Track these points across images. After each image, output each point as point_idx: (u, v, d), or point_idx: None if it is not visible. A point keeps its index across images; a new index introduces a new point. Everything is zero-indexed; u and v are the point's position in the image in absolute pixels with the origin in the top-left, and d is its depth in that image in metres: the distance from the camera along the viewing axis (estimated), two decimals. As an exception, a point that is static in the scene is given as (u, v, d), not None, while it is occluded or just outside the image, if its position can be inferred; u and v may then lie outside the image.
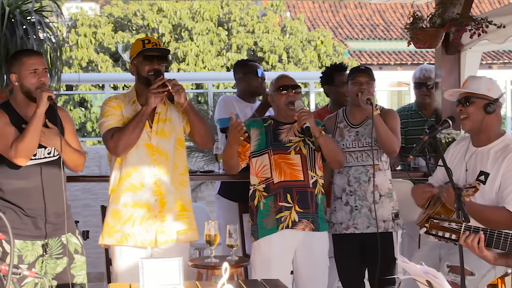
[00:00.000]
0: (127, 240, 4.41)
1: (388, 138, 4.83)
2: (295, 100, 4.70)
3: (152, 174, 4.43)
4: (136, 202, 4.42)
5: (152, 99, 4.33)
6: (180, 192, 4.51)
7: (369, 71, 5.00)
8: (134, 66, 4.50)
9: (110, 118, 4.43)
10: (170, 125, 4.50)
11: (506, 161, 4.05)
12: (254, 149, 4.72)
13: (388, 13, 26.19)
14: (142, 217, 4.41)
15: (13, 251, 2.88)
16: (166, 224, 4.43)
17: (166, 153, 4.46)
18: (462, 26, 5.50)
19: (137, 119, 4.33)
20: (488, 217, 3.91)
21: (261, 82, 5.75)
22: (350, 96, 4.98)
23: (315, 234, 4.67)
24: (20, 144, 3.93)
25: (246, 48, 18.84)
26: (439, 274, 2.84)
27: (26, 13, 6.70)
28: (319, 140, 4.60)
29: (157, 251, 4.43)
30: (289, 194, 4.63)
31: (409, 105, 6.19)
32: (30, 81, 4.02)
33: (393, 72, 21.78)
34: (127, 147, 4.36)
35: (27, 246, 3.99)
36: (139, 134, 4.35)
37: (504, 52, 23.47)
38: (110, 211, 4.48)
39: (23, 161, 3.98)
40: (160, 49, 4.50)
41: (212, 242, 4.47)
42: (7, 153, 3.97)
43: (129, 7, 19.81)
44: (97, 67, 18.24)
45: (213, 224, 4.48)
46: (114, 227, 4.44)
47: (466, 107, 4.13)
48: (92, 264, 4.83)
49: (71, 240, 4.14)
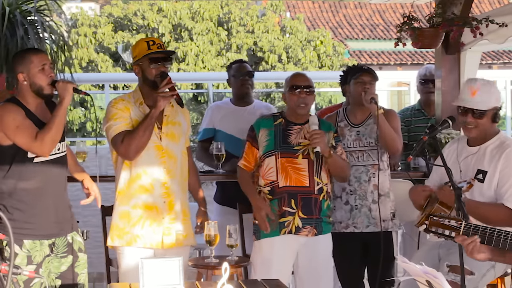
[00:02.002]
0: (136, 241, 4.40)
1: (392, 137, 4.85)
2: (309, 104, 4.66)
3: (162, 176, 4.42)
4: (146, 204, 4.41)
5: (161, 102, 4.29)
6: (184, 197, 4.52)
7: (372, 71, 5.03)
8: (139, 67, 4.44)
9: (118, 121, 4.37)
10: (179, 129, 4.49)
11: (503, 158, 4.06)
12: (263, 151, 4.67)
13: (388, 13, 26.19)
14: (151, 219, 4.40)
15: (13, 251, 2.88)
16: (173, 226, 4.43)
17: (175, 156, 4.45)
18: (462, 26, 5.50)
19: (146, 122, 4.29)
20: (487, 215, 3.92)
21: (240, 85, 5.65)
22: (353, 95, 4.99)
23: (318, 238, 4.66)
24: (47, 136, 3.92)
25: (246, 48, 18.84)
26: (439, 274, 2.84)
27: (26, 13, 6.70)
28: (328, 161, 4.58)
29: (161, 252, 4.42)
30: (294, 199, 4.61)
31: (412, 106, 6.22)
32: (40, 77, 4.02)
33: (393, 72, 21.77)
34: (138, 151, 4.34)
35: (36, 247, 3.98)
36: (149, 137, 4.32)
37: (504, 52, 23.47)
38: (118, 213, 4.46)
39: (47, 153, 3.97)
40: (166, 51, 4.47)
41: (212, 242, 4.46)
42: (30, 145, 3.94)
43: (129, 7, 19.79)
44: (97, 67, 18.24)
45: (213, 224, 4.48)
46: (124, 229, 4.42)
47: (477, 119, 4.12)
48: (92, 264, 4.82)
49: (76, 238, 4.16)
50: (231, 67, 5.81)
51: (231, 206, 5.49)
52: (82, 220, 5.79)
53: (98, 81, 15.25)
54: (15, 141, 3.94)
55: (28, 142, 3.94)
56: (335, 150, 4.68)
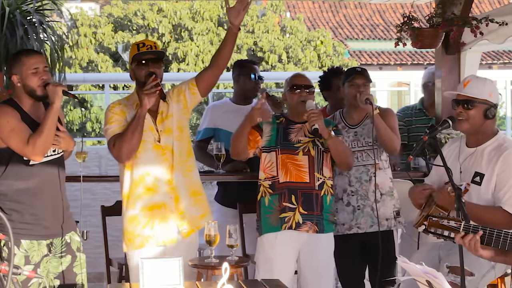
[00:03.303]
0: (148, 241, 4.41)
1: (389, 136, 4.85)
2: (307, 100, 4.69)
3: (166, 174, 4.43)
4: (153, 205, 4.42)
5: (145, 100, 4.31)
6: (189, 179, 4.51)
7: (365, 72, 5.01)
8: (132, 71, 4.50)
9: (114, 125, 4.41)
10: (171, 119, 4.49)
11: (500, 161, 4.03)
12: (265, 144, 4.70)
13: (388, 13, 26.19)
14: (161, 217, 4.42)
15: (13, 251, 2.88)
16: (185, 215, 4.45)
17: (171, 148, 4.46)
18: (462, 26, 5.51)
19: (134, 124, 4.31)
20: (484, 218, 3.90)
21: (254, 85, 5.65)
22: (347, 98, 4.99)
23: (320, 236, 4.66)
24: (39, 140, 3.92)
25: (246, 48, 18.85)
26: (439, 274, 2.84)
27: (26, 13, 6.70)
28: (328, 142, 4.58)
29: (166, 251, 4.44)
30: (294, 195, 4.62)
31: (413, 105, 6.21)
32: (32, 80, 4.02)
33: (393, 72, 21.80)
34: (130, 153, 4.35)
35: (33, 247, 3.99)
36: (140, 137, 4.33)
37: (504, 52, 23.47)
38: (127, 218, 4.46)
39: (40, 157, 3.97)
40: (154, 51, 4.47)
41: (212, 242, 4.46)
42: (23, 149, 3.95)
43: (129, 7, 19.81)
44: (97, 67, 18.25)
45: (213, 224, 4.48)
46: (134, 233, 4.43)
47: (467, 110, 4.11)
48: (92, 264, 4.83)
49: (74, 238, 4.16)
50: (245, 65, 5.78)
51: (232, 206, 5.49)
52: (82, 220, 5.79)
53: (98, 81, 15.27)
54: (9, 145, 3.95)
55: (21, 147, 3.95)
56: (338, 133, 4.71)
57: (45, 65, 4.10)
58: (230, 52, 4.54)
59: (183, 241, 4.47)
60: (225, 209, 5.64)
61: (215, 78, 4.58)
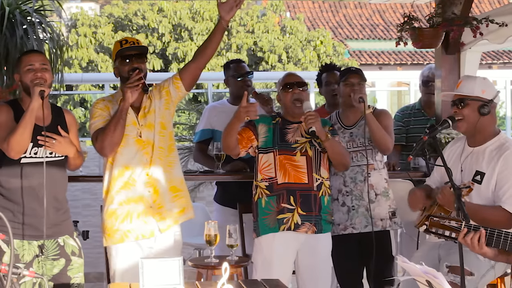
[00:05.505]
0: (128, 236, 4.42)
1: (381, 135, 4.85)
2: (303, 100, 4.68)
3: (144, 167, 4.44)
4: (131, 198, 4.43)
5: (128, 93, 4.33)
6: (170, 174, 4.50)
7: (360, 72, 5.02)
8: (116, 68, 4.53)
9: (97, 119, 4.44)
10: (153, 115, 4.50)
11: (501, 160, 4.05)
12: (261, 146, 4.70)
13: (388, 13, 26.19)
14: (139, 211, 4.42)
15: (13, 251, 2.87)
16: (163, 210, 4.45)
17: (152, 142, 4.47)
18: (462, 26, 5.51)
19: (116, 117, 4.33)
20: (485, 217, 3.91)
21: (242, 84, 5.60)
22: (343, 97, 5.00)
23: (318, 236, 4.66)
24: (12, 138, 3.94)
25: (246, 48, 18.85)
26: (439, 274, 2.84)
27: (26, 13, 6.71)
28: (325, 144, 4.58)
29: (153, 240, 4.44)
30: (292, 196, 4.62)
31: (412, 104, 6.20)
32: (26, 76, 4.06)
33: (393, 72, 21.79)
34: (113, 147, 4.37)
35: (23, 246, 3.99)
36: (122, 131, 4.35)
37: (504, 52, 23.47)
38: (106, 213, 4.48)
39: (14, 154, 3.98)
40: (137, 47, 4.51)
41: (212, 242, 4.47)
42: (1, 145, 3.99)
43: (129, 7, 19.81)
44: (97, 67, 18.25)
45: (213, 224, 4.48)
46: (113, 227, 4.44)
47: (461, 109, 4.13)
48: (92, 264, 4.83)
49: (68, 242, 4.14)
50: (229, 66, 5.78)
51: (232, 206, 5.48)
52: (82, 220, 5.79)
53: (98, 81, 15.26)
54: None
55: (1, 143, 3.99)
56: (334, 133, 4.71)
57: (42, 63, 4.11)
58: (216, 47, 4.61)
59: (162, 235, 4.46)
60: (224, 209, 5.63)
61: (199, 70, 4.61)
